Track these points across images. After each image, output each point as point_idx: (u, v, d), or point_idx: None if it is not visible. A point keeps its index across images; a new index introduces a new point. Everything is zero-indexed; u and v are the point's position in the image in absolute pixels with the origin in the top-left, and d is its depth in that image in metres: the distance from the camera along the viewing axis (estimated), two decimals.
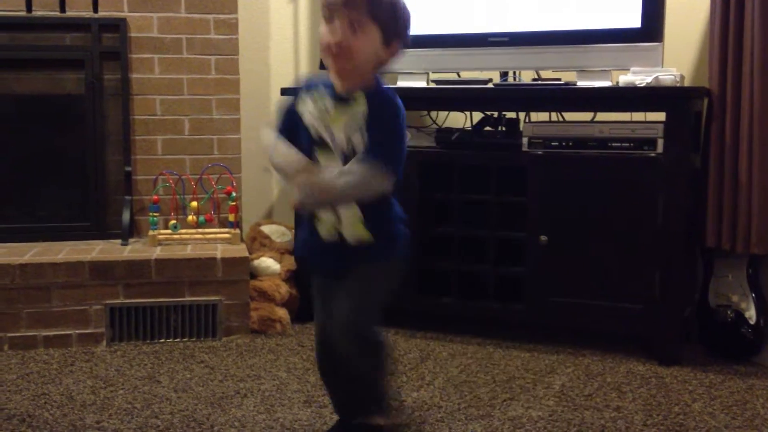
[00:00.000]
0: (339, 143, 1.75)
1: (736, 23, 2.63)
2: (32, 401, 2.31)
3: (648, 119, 2.82)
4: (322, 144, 1.77)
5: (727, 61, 2.65)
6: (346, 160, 1.74)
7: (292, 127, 1.81)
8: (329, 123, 1.76)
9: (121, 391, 2.38)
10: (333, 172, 1.71)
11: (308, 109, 1.79)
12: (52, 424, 2.14)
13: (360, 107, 1.74)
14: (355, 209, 1.78)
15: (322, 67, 3.30)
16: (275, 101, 3.52)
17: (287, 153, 1.73)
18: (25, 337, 2.78)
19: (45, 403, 2.30)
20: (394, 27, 1.73)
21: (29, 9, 3.05)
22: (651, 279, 2.64)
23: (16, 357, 2.70)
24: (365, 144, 1.72)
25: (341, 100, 1.76)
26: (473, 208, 2.89)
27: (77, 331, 2.81)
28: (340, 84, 1.76)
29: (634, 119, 2.86)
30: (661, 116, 2.67)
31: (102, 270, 2.82)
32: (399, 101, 1.76)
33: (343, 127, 1.74)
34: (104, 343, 2.83)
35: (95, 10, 3.11)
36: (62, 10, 3.08)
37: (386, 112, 1.74)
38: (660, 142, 2.61)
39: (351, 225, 1.79)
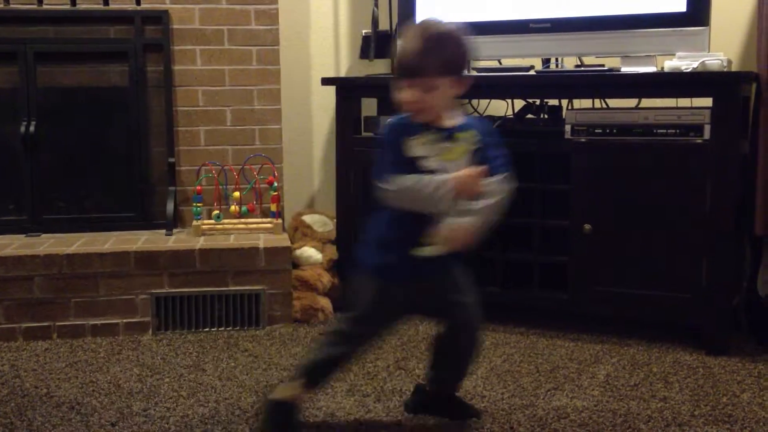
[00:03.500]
0: None
1: None
2: (80, 389, 2.35)
3: (694, 105, 2.77)
4: None
5: None
6: None
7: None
8: (447, 158, 1.84)
9: (167, 379, 2.41)
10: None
11: (419, 151, 1.84)
12: (100, 412, 2.18)
13: (472, 137, 1.87)
14: None
15: (362, 56, 3.37)
16: (316, 91, 3.53)
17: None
18: (74, 325, 2.83)
19: (93, 390, 2.34)
20: (462, 67, 1.83)
21: (74, 3, 3.09)
22: (698, 268, 2.59)
23: (65, 345, 2.75)
24: (490, 164, 1.86)
25: (449, 136, 1.85)
26: (516, 196, 2.86)
27: (124, 320, 2.85)
28: (432, 121, 1.85)
29: (679, 105, 2.81)
30: (707, 102, 2.61)
31: (147, 260, 2.85)
32: None
33: (461, 159, 1.85)
34: (150, 331, 2.87)
35: (138, 3, 3.14)
36: (105, 3, 3.11)
37: (493, 134, 1.92)
38: (707, 128, 2.56)
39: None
